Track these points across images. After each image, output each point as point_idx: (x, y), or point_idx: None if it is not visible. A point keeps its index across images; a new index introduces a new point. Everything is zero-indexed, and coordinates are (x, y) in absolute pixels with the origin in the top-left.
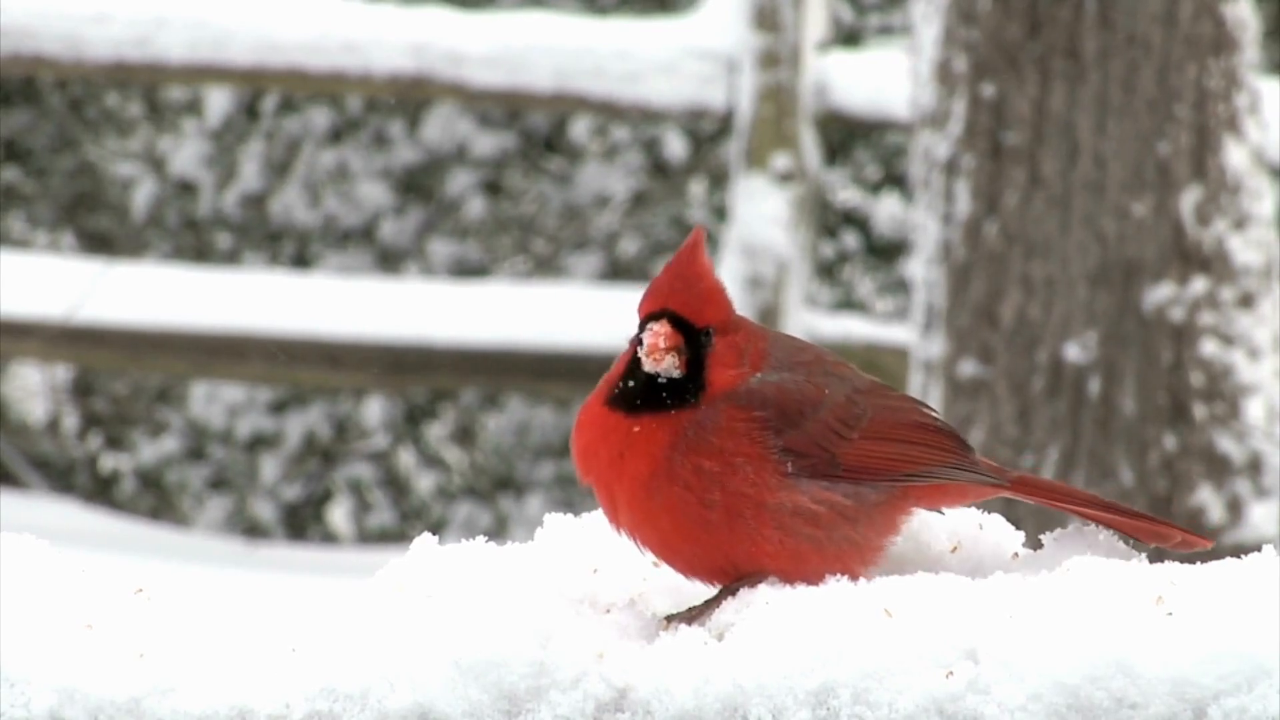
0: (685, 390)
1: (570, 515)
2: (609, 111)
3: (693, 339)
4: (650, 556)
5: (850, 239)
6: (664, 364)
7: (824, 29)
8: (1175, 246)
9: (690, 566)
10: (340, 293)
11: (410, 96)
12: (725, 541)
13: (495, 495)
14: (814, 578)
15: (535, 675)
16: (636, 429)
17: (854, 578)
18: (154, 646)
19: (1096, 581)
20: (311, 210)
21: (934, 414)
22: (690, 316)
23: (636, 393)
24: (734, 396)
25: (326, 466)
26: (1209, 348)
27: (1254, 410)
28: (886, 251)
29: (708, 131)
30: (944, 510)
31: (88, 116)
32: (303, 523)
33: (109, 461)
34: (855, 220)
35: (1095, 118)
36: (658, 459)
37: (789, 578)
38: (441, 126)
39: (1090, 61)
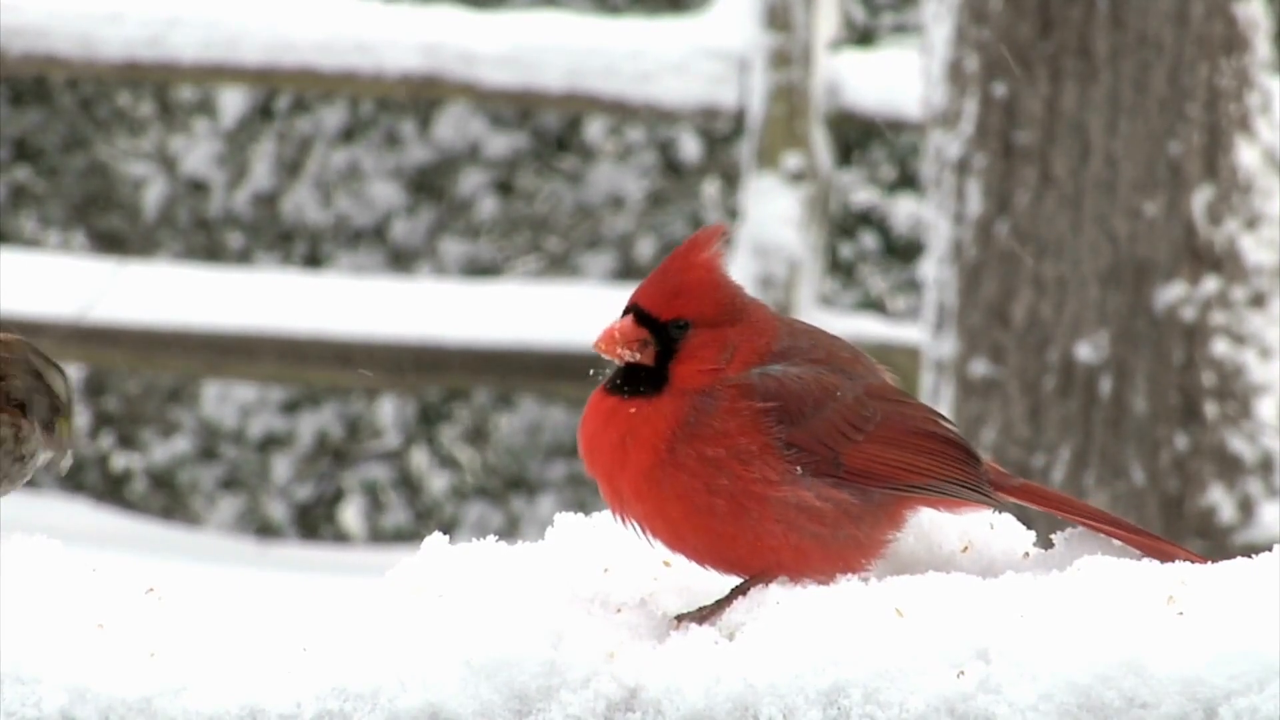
0: (652, 381)
1: (581, 515)
2: (620, 111)
3: (661, 332)
4: (659, 546)
5: (866, 239)
6: (615, 355)
7: (835, 28)
8: (1187, 246)
9: (699, 555)
10: (352, 292)
11: (422, 96)
12: (730, 534)
13: (507, 495)
14: (817, 574)
15: (546, 675)
16: (633, 410)
17: (856, 573)
18: (165, 646)
19: (1108, 581)
20: (323, 210)
21: (946, 422)
22: (655, 310)
23: (622, 379)
24: (737, 385)
25: (339, 466)
26: (1220, 347)
27: (1265, 410)
28: (902, 251)
29: (720, 131)
30: (941, 509)
31: (99, 116)
32: (315, 522)
33: (120, 461)
34: (869, 220)
35: (1107, 117)
36: (660, 449)
37: (793, 573)
38: (453, 126)
39: (1102, 61)
